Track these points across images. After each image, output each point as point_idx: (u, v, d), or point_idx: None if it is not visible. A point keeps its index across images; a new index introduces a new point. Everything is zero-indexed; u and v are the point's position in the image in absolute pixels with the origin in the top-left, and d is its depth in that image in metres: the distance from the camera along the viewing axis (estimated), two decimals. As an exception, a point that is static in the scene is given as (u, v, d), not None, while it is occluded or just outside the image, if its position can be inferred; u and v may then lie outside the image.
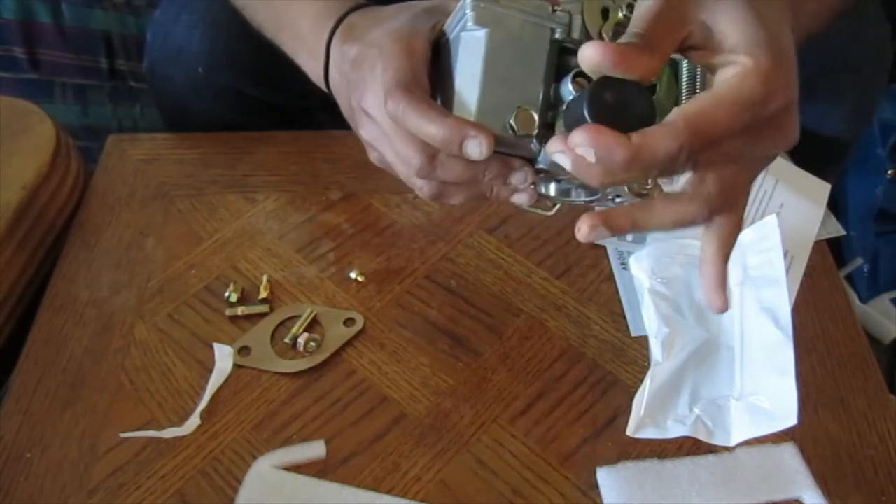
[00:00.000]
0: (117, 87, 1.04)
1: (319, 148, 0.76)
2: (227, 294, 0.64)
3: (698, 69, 0.47)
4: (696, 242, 0.61)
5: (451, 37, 0.48)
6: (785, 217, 0.68)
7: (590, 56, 0.37)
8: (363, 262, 0.67)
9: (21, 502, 0.54)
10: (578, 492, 0.54)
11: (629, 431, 0.55)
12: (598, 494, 0.54)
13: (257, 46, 0.72)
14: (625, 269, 0.66)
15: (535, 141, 0.46)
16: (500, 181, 0.48)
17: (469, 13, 0.46)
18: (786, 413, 0.53)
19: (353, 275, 0.66)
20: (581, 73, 0.44)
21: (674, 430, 0.55)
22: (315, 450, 0.56)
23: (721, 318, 0.58)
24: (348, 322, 0.63)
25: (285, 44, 0.61)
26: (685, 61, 0.46)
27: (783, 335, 0.55)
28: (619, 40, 0.39)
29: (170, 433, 0.56)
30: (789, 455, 0.55)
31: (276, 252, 0.68)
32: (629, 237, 0.68)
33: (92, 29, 1.00)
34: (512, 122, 0.45)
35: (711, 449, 0.55)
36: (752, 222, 0.68)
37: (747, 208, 0.69)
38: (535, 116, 0.45)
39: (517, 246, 0.68)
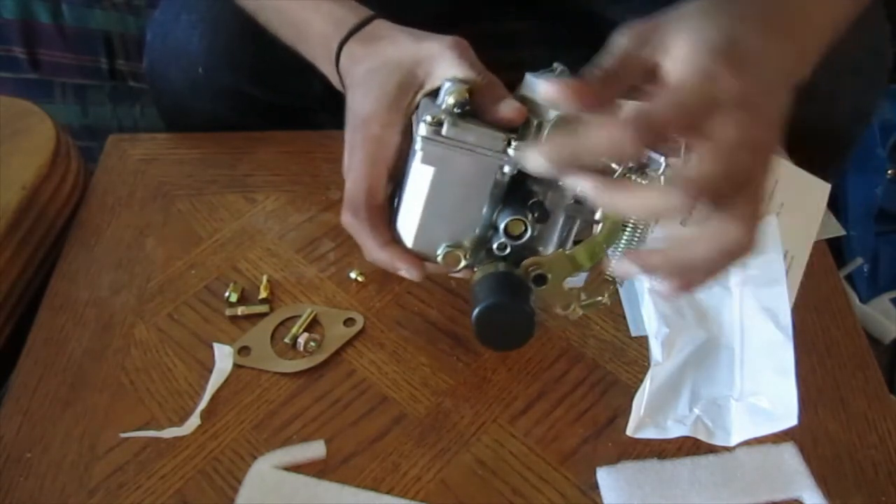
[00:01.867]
0: (117, 87, 1.04)
1: (319, 148, 0.76)
2: (227, 294, 0.64)
3: (639, 229, 0.48)
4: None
5: (413, 140, 0.50)
6: (785, 217, 0.68)
7: (544, 92, 0.41)
8: (363, 261, 0.67)
9: (21, 502, 0.54)
10: (578, 492, 0.54)
11: (629, 431, 0.55)
12: (598, 494, 0.54)
13: (257, 46, 0.72)
14: (625, 269, 0.66)
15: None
16: None
17: (418, 151, 0.49)
18: (786, 413, 0.53)
19: (353, 275, 0.66)
20: (516, 218, 0.49)
21: (674, 430, 0.55)
22: (315, 450, 0.56)
23: (721, 318, 0.58)
24: (348, 322, 0.63)
25: (303, 53, 0.62)
26: (633, 221, 0.48)
27: (783, 335, 0.55)
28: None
29: (170, 433, 0.56)
30: (789, 455, 0.55)
31: (276, 252, 0.68)
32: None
33: (92, 29, 1.01)
34: (440, 259, 0.51)
35: (711, 449, 0.55)
36: (752, 222, 0.69)
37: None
38: (462, 257, 0.51)
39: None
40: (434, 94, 0.52)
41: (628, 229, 0.48)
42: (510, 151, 0.47)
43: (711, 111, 0.40)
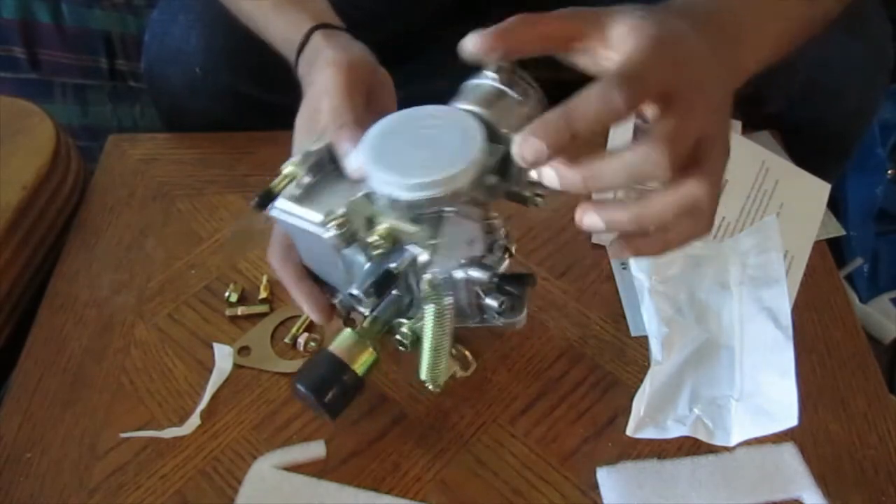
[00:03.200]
0: (117, 87, 1.04)
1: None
2: (227, 294, 0.64)
3: (433, 311, 0.48)
4: (696, 243, 0.61)
5: None
6: (785, 217, 0.68)
7: (468, 46, 0.44)
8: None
9: (21, 502, 0.54)
10: (578, 492, 0.54)
11: (629, 431, 0.55)
12: (598, 494, 0.54)
13: (255, 46, 0.71)
14: (625, 269, 0.66)
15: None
16: None
17: (271, 215, 0.51)
18: (786, 413, 0.53)
19: (353, 275, 0.66)
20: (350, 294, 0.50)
21: (674, 430, 0.55)
22: (315, 450, 0.56)
23: (721, 318, 0.58)
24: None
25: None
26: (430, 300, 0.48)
27: (783, 335, 0.55)
28: None
29: (170, 433, 0.56)
30: (789, 455, 0.55)
31: (276, 252, 0.68)
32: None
33: (92, 29, 1.00)
34: (338, 306, 0.54)
35: (711, 449, 0.55)
36: (752, 222, 0.69)
37: (747, 209, 0.69)
38: (347, 303, 0.53)
39: (517, 246, 0.68)
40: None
41: (428, 315, 0.48)
42: (330, 229, 0.47)
43: (670, 71, 0.42)
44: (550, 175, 0.43)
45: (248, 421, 0.58)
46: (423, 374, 0.52)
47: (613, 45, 0.44)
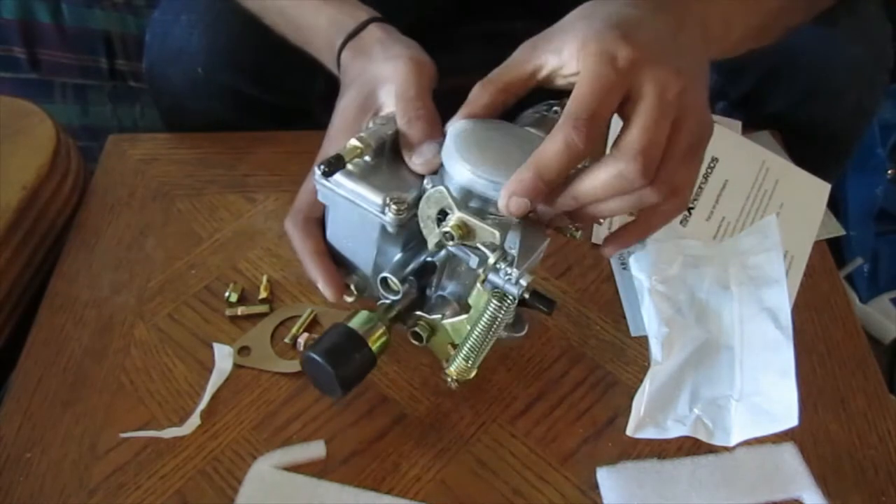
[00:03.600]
0: (117, 87, 1.04)
1: (319, 148, 0.76)
2: (227, 294, 0.64)
3: (495, 307, 0.49)
4: (696, 242, 0.61)
5: None
6: (785, 217, 0.68)
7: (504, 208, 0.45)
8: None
9: (21, 502, 0.54)
10: (578, 492, 0.54)
11: (629, 431, 0.55)
12: (598, 494, 0.54)
13: (256, 46, 0.71)
14: (625, 269, 0.66)
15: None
16: None
17: (317, 186, 0.51)
18: (786, 414, 0.53)
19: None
20: (387, 277, 0.52)
21: (674, 430, 0.55)
22: (315, 450, 0.56)
23: (721, 318, 0.58)
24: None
25: (312, 54, 0.63)
26: (495, 297, 0.49)
27: (783, 335, 0.55)
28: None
29: (170, 433, 0.56)
30: (789, 455, 0.55)
31: (276, 252, 0.68)
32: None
33: (92, 29, 1.00)
34: (352, 286, 0.55)
35: (711, 449, 0.55)
36: (752, 222, 0.69)
37: (747, 209, 0.69)
38: (362, 286, 0.55)
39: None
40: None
41: (488, 312, 0.49)
42: (388, 212, 0.49)
43: (624, 80, 0.43)
44: (545, 209, 0.47)
45: (248, 421, 0.58)
46: (453, 367, 0.52)
47: (570, 65, 0.46)
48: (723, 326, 0.58)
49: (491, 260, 0.47)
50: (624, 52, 0.43)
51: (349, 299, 0.56)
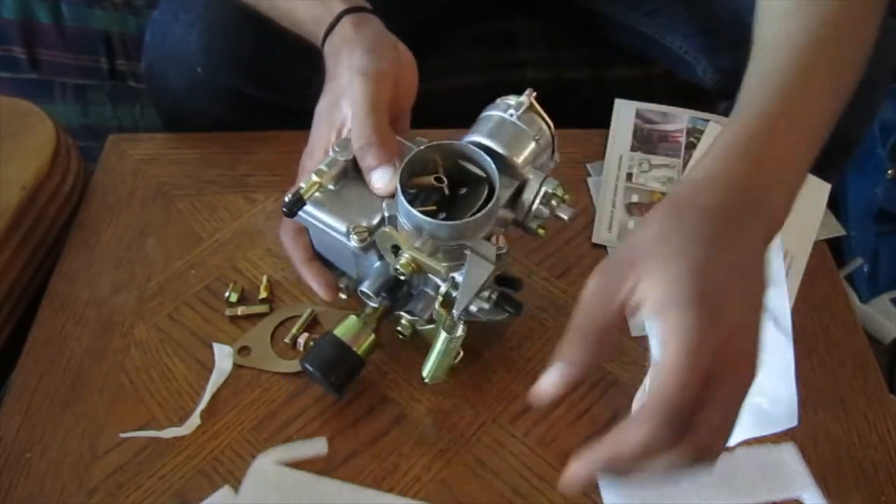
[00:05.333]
0: (117, 87, 1.03)
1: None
2: (227, 294, 0.64)
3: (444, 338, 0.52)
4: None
5: None
6: (785, 217, 0.68)
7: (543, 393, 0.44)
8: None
9: (21, 502, 0.54)
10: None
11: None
12: (598, 494, 0.54)
13: (255, 46, 0.71)
14: (625, 269, 0.66)
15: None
16: None
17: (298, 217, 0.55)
18: (786, 414, 0.53)
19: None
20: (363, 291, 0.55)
21: (674, 430, 0.55)
22: (317, 446, 0.56)
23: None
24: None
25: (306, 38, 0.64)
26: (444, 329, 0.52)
27: (783, 336, 0.55)
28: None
29: (170, 433, 0.56)
30: (789, 455, 0.55)
31: (276, 252, 0.68)
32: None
33: (92, 29, 1.00)
34: (343, 286, 0.59)
35: (711, 449, 0.55)
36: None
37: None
38: (352, 286, 0.58)
39: (517, 246, 0.68)
40: None
41: (439, 337, 0.52)
42: (352, 240, 0.52)
43: (708, 372, 0.40)
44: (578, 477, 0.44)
45: (248, 421, 0.58)
46: (426, 373, 0.55)
47: (647, 312, 0.42)
48: (723, 326, 0.58)
49: (442, 289, 0.52)
50: (713, 340, 0.40)
51: (343, 296, 0.59)
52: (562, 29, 0.91)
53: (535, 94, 0.54)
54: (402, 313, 0.56)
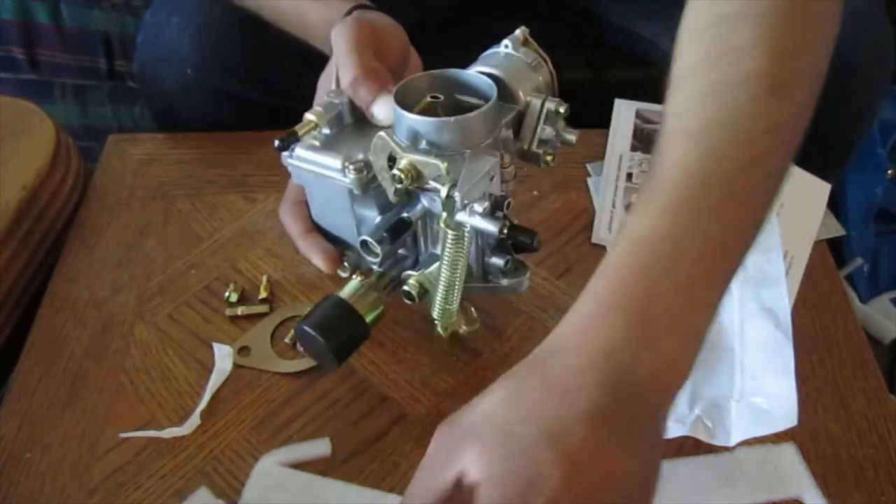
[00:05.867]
0: (117, 88, 1.04)
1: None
2: (227, 294, 0.64)
3: (453, 237, 0.48)
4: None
5: None
6: (785, 217, 0.68)
7: None
8: (363, 262, 0.67)
9: (21, 502, 0.54)
10: (578, 492, 0.54)
11: (629, 432, 0.55)
12: (599, 494, 0.54)
13: (247, 48, 0.72)
14: (625, 269, 0.66)
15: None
16: None
17: (287, 166, 0.53)
18: (786, 414, 0.53)
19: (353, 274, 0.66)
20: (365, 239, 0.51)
21: (673, 430, 0.55)
22: (320, 447, 0.56)
23: (721, 318, 0.58)
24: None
25: (310, 42, 0.64)
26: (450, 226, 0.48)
27: (783, 335, 0.55)
28: None
29: (170, 433, 0.56)
30: (789, 455, 0.55)
31: (276, 252, 0.68)
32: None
33: (91, 29, 1.01)
34: (346, 263, 0.56)
35: (711, 449, 0.55)
36: (752, 222, 0.68)
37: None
38: (354, 262, 0.56)
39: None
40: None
41: (448, 245, 0.49)
42: (348, 174, 0.49)
43: None
44: None
45: (248, 421, 0.58)
46: (435, 313, 0.53)
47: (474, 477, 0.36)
48: (723, 326, 0.58)
49: (443, 192, 0.46)
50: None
51: (343, 274, 0.56)
52: (561, 30, 0.91)
53: (528, 30, 0.53)
54: (411, 272, 0.53)
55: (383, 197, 0.51)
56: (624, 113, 0.77)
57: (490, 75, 0.51)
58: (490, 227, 0.47)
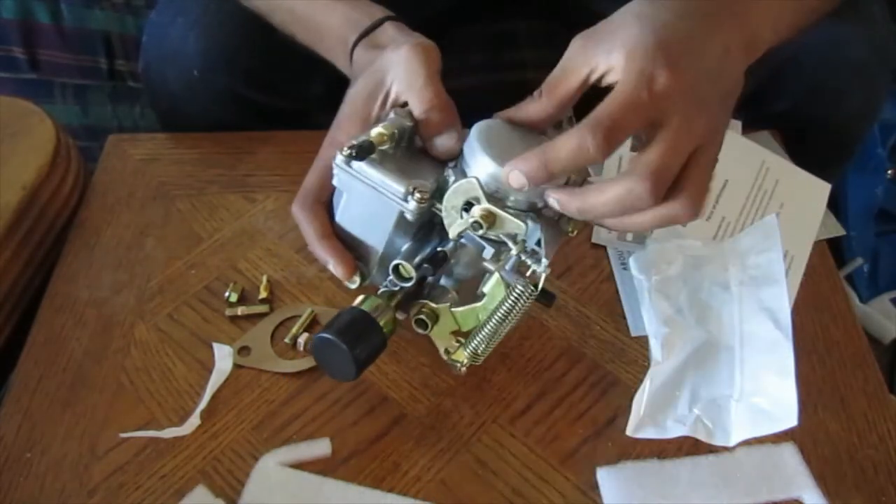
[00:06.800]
0: (117, 88, 1.04)
1: (319, 148, 0.76)
2: (227, 294, 0.64)
3: (520, 301, 0.50)
4: (696, 243, 0.61)
5: None
6: (785, 217, 0.68)
7: (516, 183, 0.47)
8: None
9: (21, 502, 0.54)
10: (578, 492, 0.54)
11: (629, 431, 0.55)
12: (598, 494, 0.54)
13: (252, 49, 0.71)
14: (625, 269, 0.66)
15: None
16: None
17: (334, 171, 0.52)
18: (786, 414, 0.53)
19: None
20: (401, 264, 0.52)
21: (673, 430, 0.55)
22: (320, 447, 0.56)
23: (721, 318, 0.58)
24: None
25: (321, 53, 0.63)
26: (520, 283, 0.49)
27: (783, 335, 0.55)
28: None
29: (170, 433, 0.56)
30: (789, 455, 0.55)
31: (276, 252, 0.68)
32: (629, 237, 0.68)
33: (91, 29, 1.00)
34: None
35: (711, 449, 0.55)
36: (752, 222, 0.69)
37: (747, 209, 0.69)
38: (364, 274, 0.56)
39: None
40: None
41: (509, 300, 0.50)
42: (411, 201, 0.49)
43: (655, 106, 0.44)
44: (553, 202, 0.48)
45: (248, 421, 0.58)
46: (466, 353, 0.53)
47: (615, 71, 0.46)
48: (723, 326, 0.58)
49: (514, 251, 0.49)
50: (663, 77, 0.44)
51: (353, 286, 0.56)
52: (563, 29, 0.91)
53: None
54: (426, 301, 0.54)
55: (425, 227, 0.52)
56: (624, 113, 0.76)
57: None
58: (540, 275, 0.50)
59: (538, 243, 0.50)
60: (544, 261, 0.49)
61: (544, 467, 0.55)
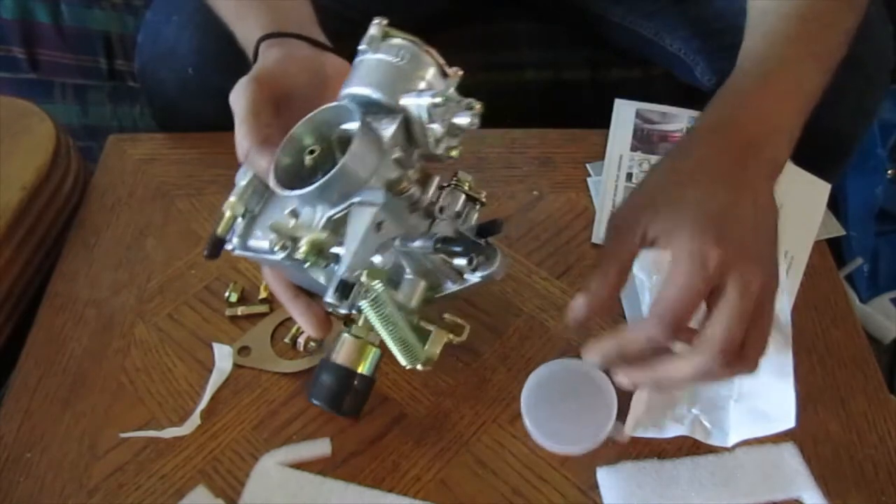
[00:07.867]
0: (117, 88, 1.04)
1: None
2: (227, 294, 0.64)
3: (374, 295, 0.48)
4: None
5: None
6: (785, 217, 0.68)
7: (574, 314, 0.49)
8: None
9: (21, 502, 0.54)
10: (578, 492, 0.54)
11: (628, 431, 0.55)
12: (598, 494, 0.54)
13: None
14: (625, 269, 0.66)
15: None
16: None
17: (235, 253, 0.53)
18: (784, 415, 0.53)
19: (353, 275, 0.66)
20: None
21: (672, 430, 0.55)
22: (321, 447, 0.56)
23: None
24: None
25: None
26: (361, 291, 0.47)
27: (782, 337, 0.55)
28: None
29: (170, 433, 0.56)
30: (789, 455, 0.55)
31: (276, 252, 0.68)
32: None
33: (91, 29, 1.00)
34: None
35: (711, 449, 0.55)
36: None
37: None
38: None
39: (517, 246, 0.68)
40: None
41: (376, 308, 0.49)
42: (277, 253, 0.47)
43: (712, 283, 0.45)
44: (622, 380, 0.50)
45: (248, 421, 0.58)
46: (403, 362, 0.54)
47: (664, 242, 0.48)
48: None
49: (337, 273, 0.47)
50: (715, 254, 0.45)
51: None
52: (561, 30, 0.91)
53: (385, 21, 0.49)
54: (348, 329, 0.53)
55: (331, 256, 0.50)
56: (624, 113, 0.77)
57: (356, 96, 0.48)
58: (419, 243, 0.49)
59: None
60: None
61: (544, 467, 0.55)
